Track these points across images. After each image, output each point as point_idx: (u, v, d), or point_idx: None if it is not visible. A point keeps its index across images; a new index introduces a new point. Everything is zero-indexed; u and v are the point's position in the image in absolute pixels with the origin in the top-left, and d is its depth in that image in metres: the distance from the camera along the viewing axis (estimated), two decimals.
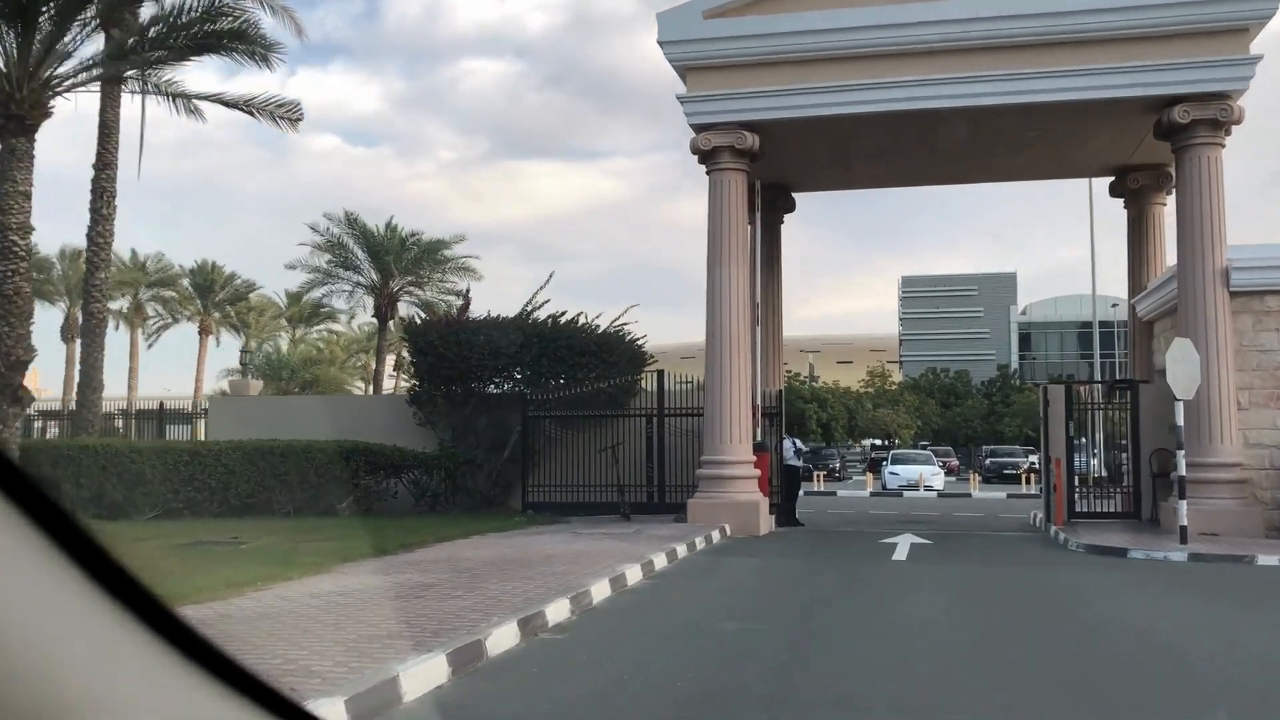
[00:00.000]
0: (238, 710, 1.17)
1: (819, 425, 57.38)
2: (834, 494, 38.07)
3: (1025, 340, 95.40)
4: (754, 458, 19.99)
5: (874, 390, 75.63)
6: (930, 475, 40.75)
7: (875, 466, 54.65)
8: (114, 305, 56.21)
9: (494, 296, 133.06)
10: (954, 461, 60.33)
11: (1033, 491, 38.21)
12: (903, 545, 17.59)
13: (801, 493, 24.26)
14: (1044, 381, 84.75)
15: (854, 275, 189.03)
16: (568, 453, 22.38)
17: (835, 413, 59.16)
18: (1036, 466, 57.23)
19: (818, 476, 44.12)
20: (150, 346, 64.56)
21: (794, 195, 24.99)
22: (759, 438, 20.90)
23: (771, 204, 23.76)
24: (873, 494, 38.25)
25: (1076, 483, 21.14)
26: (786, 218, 25.41)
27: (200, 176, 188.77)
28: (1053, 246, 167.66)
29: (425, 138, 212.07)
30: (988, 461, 54.07)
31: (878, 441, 70.58)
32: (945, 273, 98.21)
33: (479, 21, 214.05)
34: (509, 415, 22.52)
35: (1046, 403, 20.94)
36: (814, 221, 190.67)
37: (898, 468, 41.90)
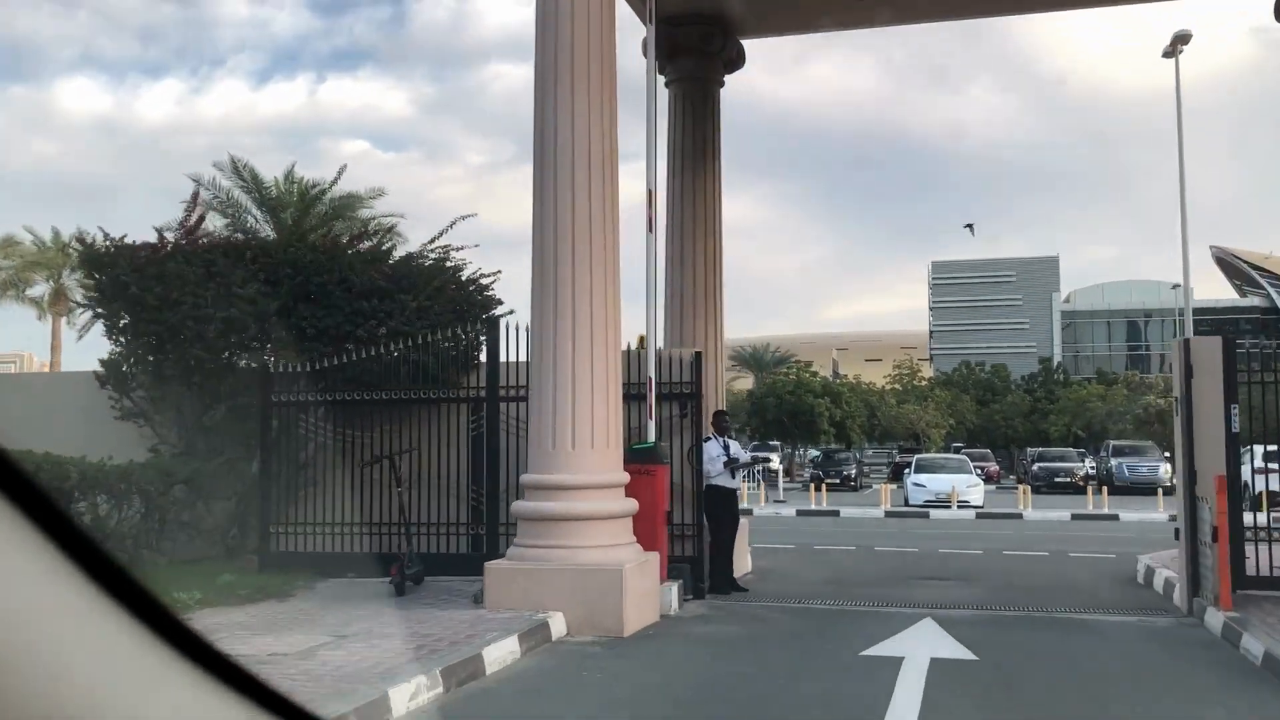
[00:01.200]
0: (243, 713, 1.15)
1: (831, 424, 47.46)
2: (836, 513, 28.34)
3: (1069, 331, 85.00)
4: (624, 476, 10.42)
5: (901, 387, 65.44)
6: (966, 488, 30.97)
7: (899, 474, 44.86)
8: (33, 292, 47.88)
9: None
10: (994, 467, 50.33)
11: (1102, 511, 28.30)
12: (914, 670, 8.02)
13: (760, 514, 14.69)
14: (1088, 377, 74.68)
15: (886, 275, 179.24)
16: (341, 467, 12.93)
17: (852, 409, 49.20)
18: (1092, 473, 47.56)
19: (817, 485, 34.54)
20: (80, 337, 56.14)
21: (743, 43, 15.29)
22: (651, 437, 11.36)
23: (701, 48, 14.20)
24: (889, 513, 28.45)
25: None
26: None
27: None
28: (1100, 225, 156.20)
29: (453, 142, 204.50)
30: (1036, 467, 44.07)
31: (905, 444, 60.73)
32: (980, 257, 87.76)
33: (504, 26, 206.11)
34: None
35: (1188, 370, 11.08)
36: (842, 216, 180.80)
37: (924, 477, 32.15)
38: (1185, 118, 18.68)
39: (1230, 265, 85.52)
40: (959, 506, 29.31)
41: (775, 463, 56.48)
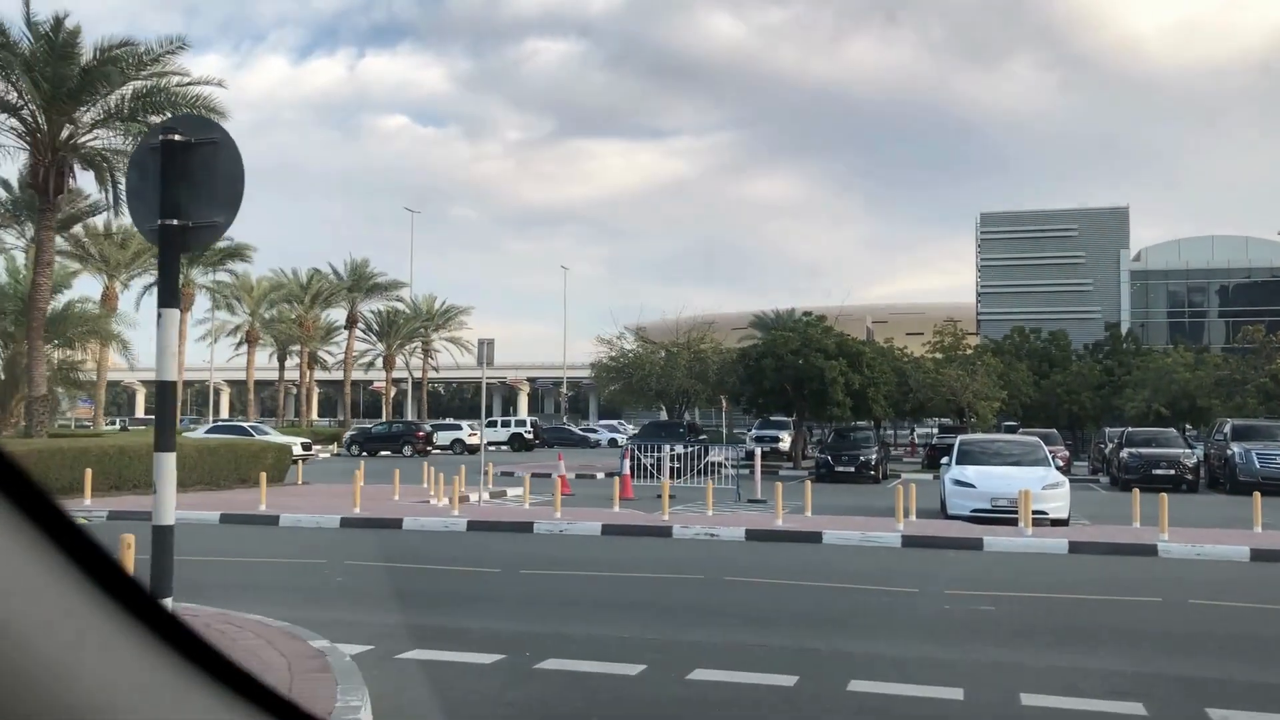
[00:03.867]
0: (238, 711, 1.15)
1: (848, 394, 34.86)
2: (817, 537, 16.01)
3: (1139, 294, 71.40)
4: None
5: (942, 355, 52.23)
6: (1042, 489, 18.55)
7: (935, 460, 32.29)
8: None
9: (566, 278, 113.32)
10: (1064, 452, 37.54)
11: None
12: None
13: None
14: (1166, 344, 61.17)
15: (932, 253, 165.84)
16: None
17: (878, 375, 36.53)
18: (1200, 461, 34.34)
19: (824, 474, 22.21)
20: None
21: None
22: None
23: None
24: (909, 539, 15.84)
25: None
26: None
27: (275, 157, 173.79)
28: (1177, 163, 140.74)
29: (491, 118, 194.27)
30: (1125, 454, 31.25)
31: (949, 421, 48.00)
32: (1036, 208, 74.19)
33: (542, 2, 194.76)
34: None
35: None
36: (886, 194, 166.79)
37: (972, 472, 19.80)
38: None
39: None
40: (1034, 523, 16.84)
41: (785, 443, 44.43)
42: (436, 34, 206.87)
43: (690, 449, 29.42)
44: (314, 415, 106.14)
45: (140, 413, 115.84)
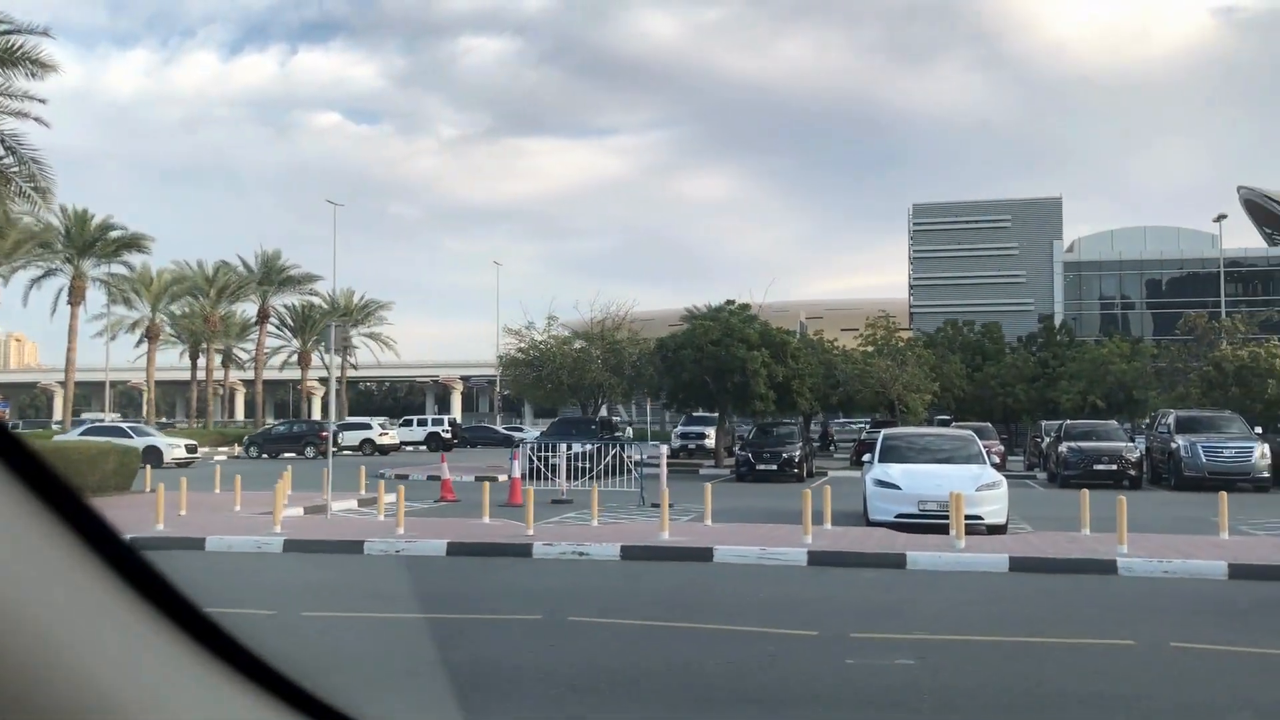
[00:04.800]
0: (267, 707, 1.13)
1: (771, 386, 32.01)
2: (708, 554, 12.96)
3: (1072, 285, 69.70)
4: None
5: (873, 348, 49.55)
6: (977, 489, 15.85)
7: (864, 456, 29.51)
8: None
9: (498, 274, 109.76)
10: (998, 447, 35.02)
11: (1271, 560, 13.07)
12: None
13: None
14: (1098, 336, 59.22)
15: (870, 253, 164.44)
16: None
17: (803, 366, 33.74)
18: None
19: (745, 474, 19.18)
20: None
21: None
22: None
23: None
24: (815, 555, 12.79)
25: None
26: None
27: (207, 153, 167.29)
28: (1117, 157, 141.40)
29: (426, 114, 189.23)
30: (1065, 449, 28.74)
31: (880, 416, 45.39)
32: (969, 199, 72.26)
33: None
34: None
35: None
36: (822, 192, 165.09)
37: (898, 471, 16.99)
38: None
39: (1261, 209, 70.24)
40: (968, 530, 14.03)
41: (711, 439, 41.59)
42: (370, 31, 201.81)
43: (599, 447, 26.38)
44: (241, 415, 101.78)
45: (59, 415, 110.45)
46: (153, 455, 34.42)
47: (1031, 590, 10.91)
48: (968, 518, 15.52)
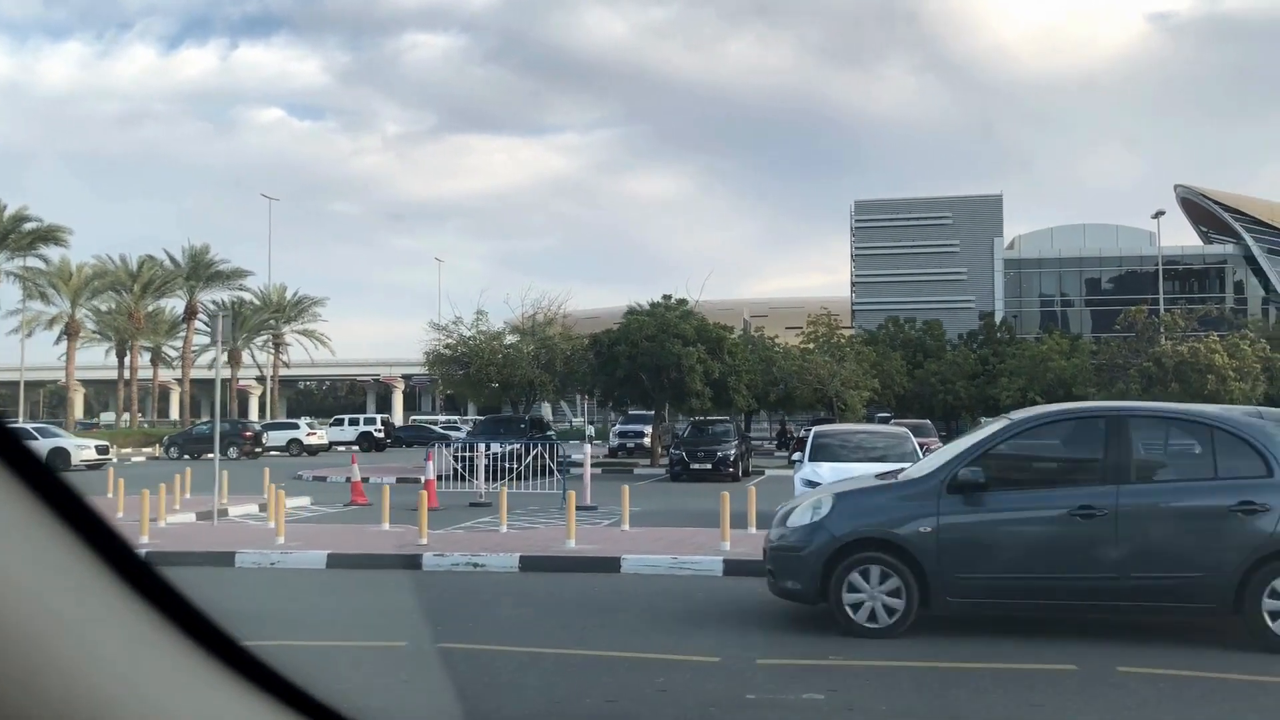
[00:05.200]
0: (266, 708, 1.12)
1: (707, 383, 30.95)
2: (615, 563, 11.75)
3: (1012, 282, 69.58)
4: None
5: (815, 345, 48.75)
6: None
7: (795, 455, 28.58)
8: None
9: (440, 271, 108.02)
10: (936, 444, 34.27)
11: None
12: None
13: None
14: (1038, 333, 58.99)
15: (815, 252, 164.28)
16: None
17: (740, 363, 32.73)
18: None
19: (680, 473, 18.14)
20: None
21: None
22: None
23: None
24: (732, 564, 11.65)
25: None
26: None
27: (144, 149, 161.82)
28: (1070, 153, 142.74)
29: (371, 111, 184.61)
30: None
31: (822, 415, 44.53)
32: (910, 195, 71.91)
33: None
34: None
35: None
36: (769, 193, 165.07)
37: (827, 470, 15.86)
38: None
39: (1198, 208, 70.63)
40: None
41: (649, 438, 40.44)
42: (312, 26, 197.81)
43: (523, 447, 25.08)
44: (176, 415, 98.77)
45: None
46: (60, 458, 32.61)
47: None
48: None
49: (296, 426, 48.92)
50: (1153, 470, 8.59)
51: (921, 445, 34.77)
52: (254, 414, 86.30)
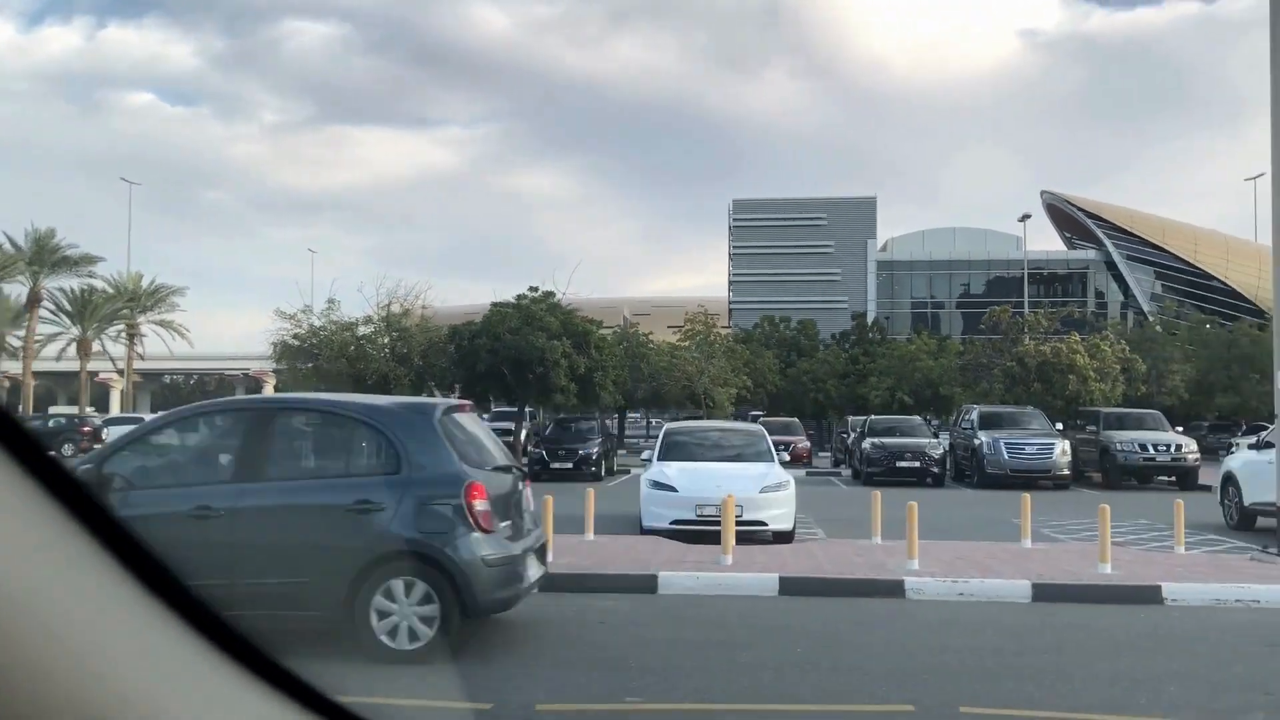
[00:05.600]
0: (275, 703, 1.12)
1: (571, 378, 29.65)
2: None
3: (885, 284, 70.15)
4: None
5: (691, 344, 47.82)
6: (761, 490, 13.86)
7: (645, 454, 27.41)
8: None
9: (313, 263, 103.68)
10: (803, 443, 33.79)
11: (1081, 579, 11.22)
12: None
13: None
14: (910, 334, 59.39)
15: (699, 254, 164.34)
16: None
17: (608, 358, 31.49)
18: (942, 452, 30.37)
19: (540, 473, 16.46)
20: None
21: None
22: None
23: None
24: (553, 580, 10.28)
25: None
26: None
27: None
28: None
29: (247, 99, 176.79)
30: (867, 445, 27.36)
31: (695, 412, 43.57)
32: (787, 195, 71.87)
33: None
34: None
35: None
36: (652, 193, 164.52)
37: (675, 470, 14.76)
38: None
39: (1062, 214, 72.34)
40: (750, 538, 11.96)
41: (523, 435, 38.87)
42: (186, 8, 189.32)
43: None
44: (22, 409, 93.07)
45: None
46: None
47: (803, 623, 8.71)
48: (751, 523, 13.63)
49: (141, 421, 45.78)
50: (288, 466, 7.88)
51: (788, 443, 34.12)
52: (115, 408, 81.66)
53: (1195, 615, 9.09)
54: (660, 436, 16.58)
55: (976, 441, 26.54)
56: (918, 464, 26.30)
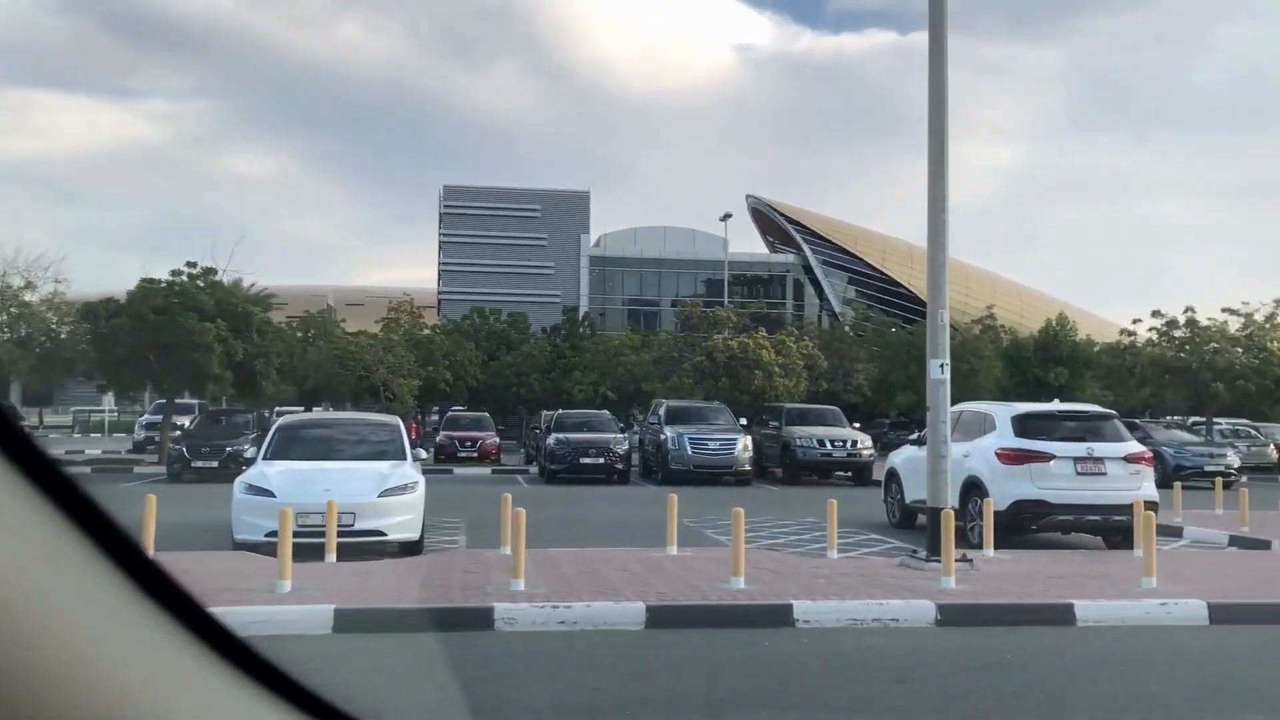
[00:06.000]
0: (276, 711, 1.10)
1: (227, 366, 26.24)
2: None
3: (598, 279, 69.59)
4: None
5: (395, 336, 44.66)
6: (380, 494, 11.74)
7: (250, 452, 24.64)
8: None
9: None
10: (491, 439, 31.82)
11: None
12: None
13: None
14: (621, 330, 59.08)
15: (423, 241, 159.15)
16: None
17: (270, 344, 28.21)
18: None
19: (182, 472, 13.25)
20: None
21: None
22: None
23: None
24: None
25: None
26: None
27: None
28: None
29: None
30: (552, 441, 25.81)
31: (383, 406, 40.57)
32: (500, 185, 69.87)
33: None
34: None
35: None
36: (367, 180, 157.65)
37: (275, 473, 12.38)
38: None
39: (765, 218, 74.49)
40: (352, 551, 9.80)
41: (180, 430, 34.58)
42: None
43: None
44: None
45: None
46: None
47: (338, 671, 6.58)
48: (366, 533, 11.54)
49: None
50: None
51: (476, 439, 31.90)
52: None
53: (826, 640, 7.73)
54: (270, 431, 14.02)
55: (662, 437, 25.62)
56: (602, 460, 25.00)
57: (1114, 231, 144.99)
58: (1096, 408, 14.95)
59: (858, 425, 28.97)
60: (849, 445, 26.06)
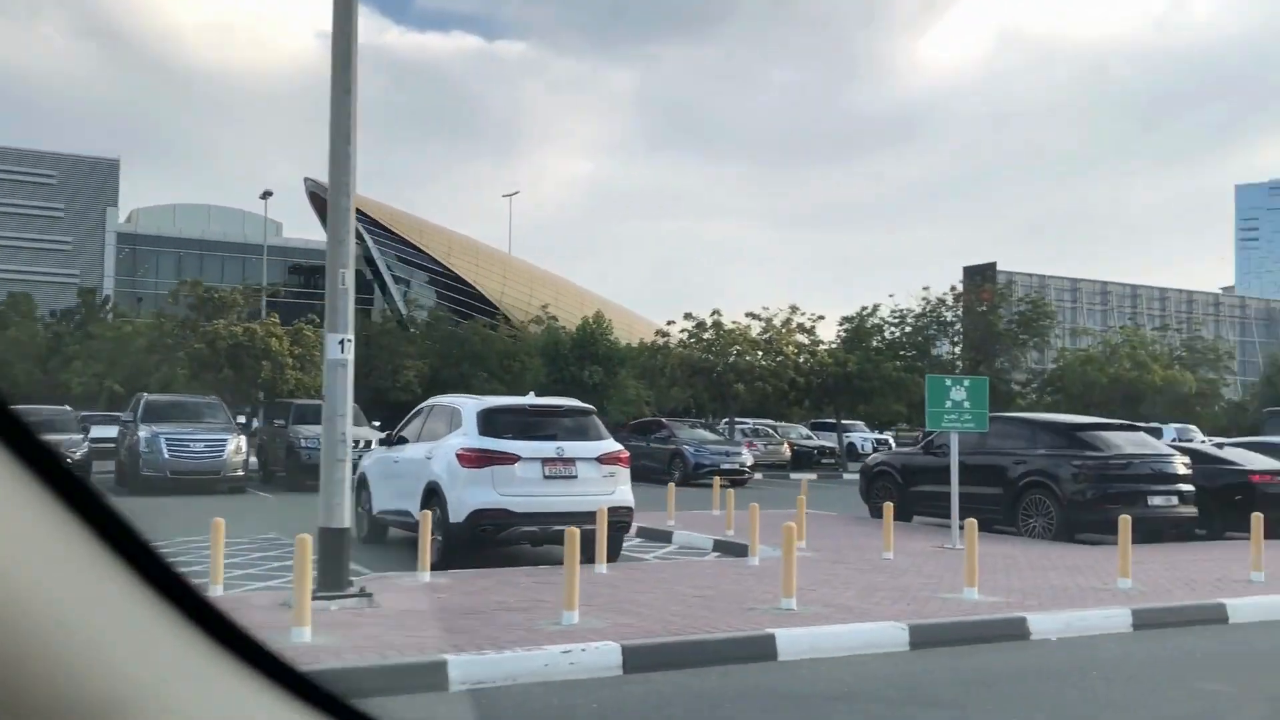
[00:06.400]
0: (282, 703, 1.08)
1: None
2: None
3: (128, 260, 61.40)
4: None
5: None
6: None
7: None
8: None
9: None
10: None
11: None
12: None
13: None
14: (142, 314, 52.04)
15: None
16: None
17: None
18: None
19: None
20: None
21: None
22: None
23: None
24: None
25: None
26: None
27: None
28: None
29: None
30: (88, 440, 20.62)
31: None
32: (12, 145, 59.64)
33: None
34: None
35: None
36: None
37: None
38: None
39: (322, 201, 69.71)
40: None
41: None
42: None
43: None
44: None
45: None
46: None
47: None
48: None
49: None
50: None
51: None
52: None
53: None
54: None
55: (139, 436, 21.49)
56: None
57: (681, 246, 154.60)
58: (575, 402, 13.39)
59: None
60: (363, 448, 23.37)
